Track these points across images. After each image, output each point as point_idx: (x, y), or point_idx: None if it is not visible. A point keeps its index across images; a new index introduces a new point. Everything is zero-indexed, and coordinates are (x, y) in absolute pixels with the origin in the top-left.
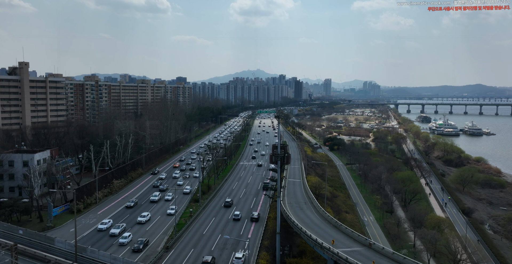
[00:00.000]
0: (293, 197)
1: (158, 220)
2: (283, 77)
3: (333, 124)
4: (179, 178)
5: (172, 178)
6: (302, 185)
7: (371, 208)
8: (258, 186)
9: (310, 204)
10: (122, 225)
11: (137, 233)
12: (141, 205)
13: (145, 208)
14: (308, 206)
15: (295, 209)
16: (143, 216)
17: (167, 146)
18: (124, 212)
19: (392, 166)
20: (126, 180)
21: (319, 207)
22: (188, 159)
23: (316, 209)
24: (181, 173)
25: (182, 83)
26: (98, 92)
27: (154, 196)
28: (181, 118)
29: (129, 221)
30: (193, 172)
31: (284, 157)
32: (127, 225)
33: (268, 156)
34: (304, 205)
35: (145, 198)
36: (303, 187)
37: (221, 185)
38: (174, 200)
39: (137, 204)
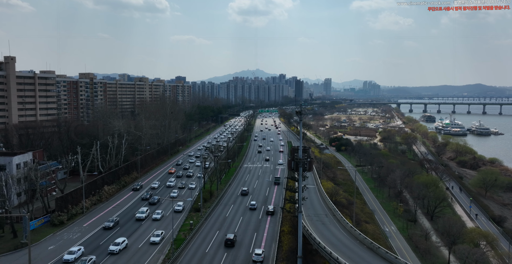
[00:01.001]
0: (311, 207)
1: (139, 250)
2: (283, 77)
3: (337, 124)
4: (174, 188)
5: (166, 187)
6: (318, 192)
7: (391, 216)
8: (266, 192)
9: (333, 217)
10: (90, 259)
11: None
12: (123, 225)
13: (127, 230)
14: (331, 219)
15: (316, 224)
16: (116, 243)
17: (165, 147)
18: (102, 234)
19: (409, 168)
20: (118, 186)
21: (345, 221)
22: (185, 163)
23: (342, 224)
24: (177, 180)
25: (181, 81)
26: (93, 90)
27: (140, 212)
28: (180, 117)
29: (104, 249)
30: (190, 180)
31: (307, 162)
32: (99, 255)
33: (274, 152)
34: (325, 218)
35: (131, 213)
36: (319, 195)
37: (224, 191)
38: (164, 218)
39: (118, 223)
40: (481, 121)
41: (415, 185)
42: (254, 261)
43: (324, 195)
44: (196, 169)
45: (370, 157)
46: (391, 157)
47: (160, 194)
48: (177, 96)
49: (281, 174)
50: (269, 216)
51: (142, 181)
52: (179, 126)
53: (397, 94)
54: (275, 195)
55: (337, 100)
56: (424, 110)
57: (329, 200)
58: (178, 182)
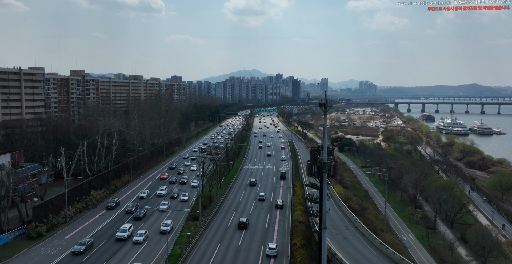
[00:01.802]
0: (327, 217)
1: None
2: (280, 76)
3: (337, 124)
4: (165, 197)
5: (156, 197)
6: (332, 198)
7: (406, 222)
8: (271, 196)
9: (354, 229)
10: None
11: None
12: (99, 247)
13: (103, 255)
14: (353, 233)
15: (338, 239)
16: None
17: (160, 148)
18: (70, 261)
19: (421, 170)
20: (107, 190)
21: (372, 235)
22: (180, 166)
23: (368, 239)
24: (170, 187)
25: (177, 80)
26: (84, 88)
27: (122, 230)
28: (176, 116)
29: None
30: (184, 188)
31: (331, 167)
32: None
33: (275, 148)
34: (346, 231)
35: (112, 231)
36: (333, 201)
37: (224, 196)
38: (149, 240)
39: (92, 245)
40: (482, 120)
41: (432, 188)
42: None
43: (340, 202)
44: (192, 174)
45: (377, 158)
46: (400, 158)
47: (148, 205)
48: (173, 95)
49: (286, 169)
50: (276, 221)
51: (133, 186)
52: (175, 126)
53: (394, 94)
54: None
55: (335, 99)
56: (422, 110)
57: (346, 208)
58: (171, 190)
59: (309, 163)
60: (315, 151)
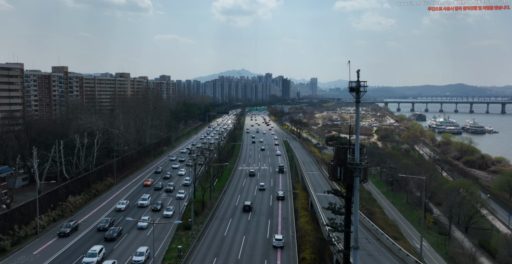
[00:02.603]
0: None
1: None
2: (269, 76)
3: (329, 123)
4: (147, 209)
5: (137, 208)
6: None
7: (416, 227)
8: (269, 200)
9: (377, 241)
10: None
11: None
12: None
13: None
14: (376, 246)
15: (361, 256)
16: None
17: (147, 148)
18: None
19: (427, 170)
20: (88, 195)
21: (400, 250)
22: (167, 169)
23: (396, 254)
24: (154, 196)
25: (166, 78)
26: (67, 85)
27: (90, 254)
28: (165, 114)
29: None
30: (170, 196)
31: (361, 170)
32: None
33: (268, 143)
34: (368, 244)
35: (77, 255)
36: None
37: (219, 200)
38: None
39: None
40: (475, 119)
41: (444, 190)
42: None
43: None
44: (180, 180)
45: (377, 158)
46: (400, 158)
47: (125, 221)
48: (162, 93)
49: (283, 162)
50: (279, 231)
51: (117, 189)
52: (164, 124)
53: (382, 94)
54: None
55: (325, 99)
56: (412, 109)
57: (363, 216)
58: (155, 199)
59: (333, 165)
60: (340, 149)
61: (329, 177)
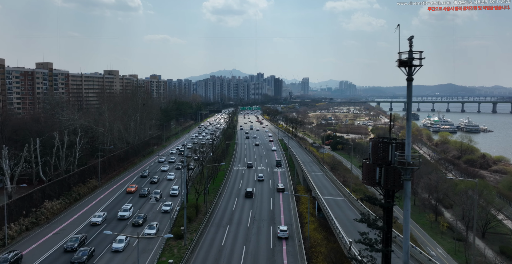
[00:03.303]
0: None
1: None
2: (261, 75)
3: (324, 122)
4: (127, 223)
5: (117, 220)
6: (353, 206)
7: (429, 232)
8: (270, 204)
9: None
10: None
11: None
12: None
13: None
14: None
15: None
16: None
17: (136, 147)
18: None
19: (433, 170)
20: (68, 200)
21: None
22: (154, 173)
23: None
24: (137, 205)
25: (157, 77)
26: (52, 82)
27: None
28: (155, 112)
29: None
30: (157, 206)
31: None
32: None
33: (262, 140)
34: (395, 259)
35: None
36: (358, 212)
37: (214, 205)
38: None
39: None
40: (469, 118)
41: (457, 192)
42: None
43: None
44: (168, 185)
45: None
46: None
47: (100, 238)
48: (152, 92)
49: (279, 157)
50: (283, 240)
51: (102, 192)
52: (154, 123)
53: (373, 94)
54: (282, 202)
55: (317, 98)
56: (404, 109)
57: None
58: (140, 208)
59: (369, 164)
60: (378, 145)
61: (363, 180)
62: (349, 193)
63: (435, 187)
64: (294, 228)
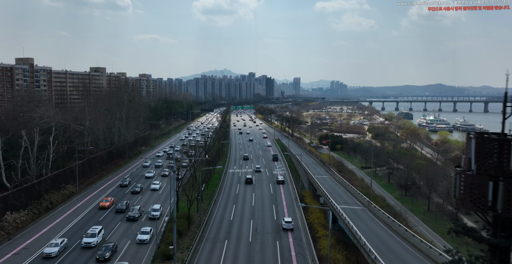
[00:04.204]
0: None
1: None
2: (253, 75)
3: (318, 121)
4: (90, 260)
5: (79, 249)
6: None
7: (451, 243)
8: (272, 212)
9: None
10: None
11: None
12: None
13: None
14: None
15: None
16: None
17: (121, 148)
18: None
19: (446, 173)
20: (37, 210)
21: None
22: (139, 178)
23: None
24: (111, 223)
25: (146, 75)
26: (33, 79)
27: None
28: (143, 110)
29: None
30: (135, 226)
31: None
32: None
33: (256, 137)
34: None
35: None
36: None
37: (209, 214)
38: None
39: None
40: (465, 117)
41: None
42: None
43: (388, 220)
44: (152, 196)
45: (384, 157)
46: (414, 157)
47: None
48: (141, 90)
49: (275, 152)
50: (294, 257)
51: (80, 200)
52: (142, 121)
53: (363, 94)
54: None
55: (309, 98)
56: (396, 108)
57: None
58: (114, 231)
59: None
60: (491, 143)
61: (460, 202)
62: (369, 202)
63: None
64: (305, 243)
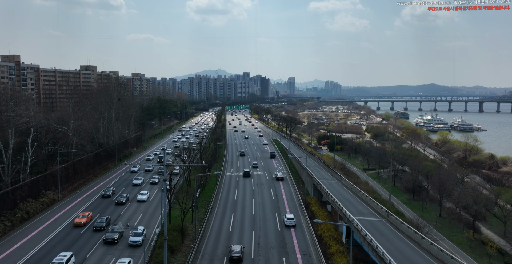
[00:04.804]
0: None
1: None
2: (247, 75)
3: (315, 121)
4: None
5: None
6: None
7: (469, 253)
8: (276, 223)
9: None
10: None
11: None
12: None
13: None
14: None
15: None
16: None
17: (110, 150)
18: None
19: (457, 176)
20: (9, 222)
21: None
22: (126, 185)
23: None
24: (87, 244)
25: (139, 74)
26: (20, 77)
27: None
28: (134, 109)
29: None
30: (110, 250)
31: None
32: None
33: (253, 137)
34: None
35: None
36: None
37: (205, 225)
38: None
39: None
40: (462, 117)
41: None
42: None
43: (407, 230)
44: (139, 208)
45: (388, 159)
46: (421, 159)
47: None
48: (134, 91)
49: (271, 148)
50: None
51: (62, 208)
52: (133, 121)
53: (358, 94)
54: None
55: (305, 98)
56: (391, 108)
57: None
58: (89, 257)
59: None
60: None
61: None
62: (388, 212)
63: (473, 197)
64: (315, 260)
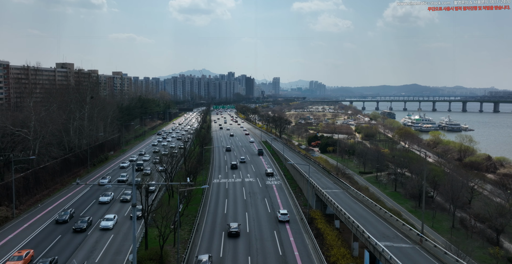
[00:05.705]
0: None
1: None
2: (232, 74)
3: (303, 121)
4: None
5: None
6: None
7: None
8: (276, 243)
9: None
10: None
11: None
12: None
13: None
14: None
15: None
16: None
17: (81, 154)
18: None
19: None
20: None
21: None
22: (88, 207)
23: None
24: None
25: (120, 73)
26: None
27: None
28: (111, 109)
29: None
30: None
31: None
32: None
33: (239, 136)
34: None
35: None
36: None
37: (189, 250)
38: None
39: None
40: (450, 116)
41: None
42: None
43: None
44: (101, 240)
45: (386, 161)
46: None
47: None
48: (115, 90)
49: (259, 146)
50: None
51: (17, 226)
52: (110, 122)
53: (342, 94)
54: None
55: (290, 98)
56: (376, 108)
57: None
58: None
59: None
60: None
61: None
62: (420, 236)
63: (498, 208)
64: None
